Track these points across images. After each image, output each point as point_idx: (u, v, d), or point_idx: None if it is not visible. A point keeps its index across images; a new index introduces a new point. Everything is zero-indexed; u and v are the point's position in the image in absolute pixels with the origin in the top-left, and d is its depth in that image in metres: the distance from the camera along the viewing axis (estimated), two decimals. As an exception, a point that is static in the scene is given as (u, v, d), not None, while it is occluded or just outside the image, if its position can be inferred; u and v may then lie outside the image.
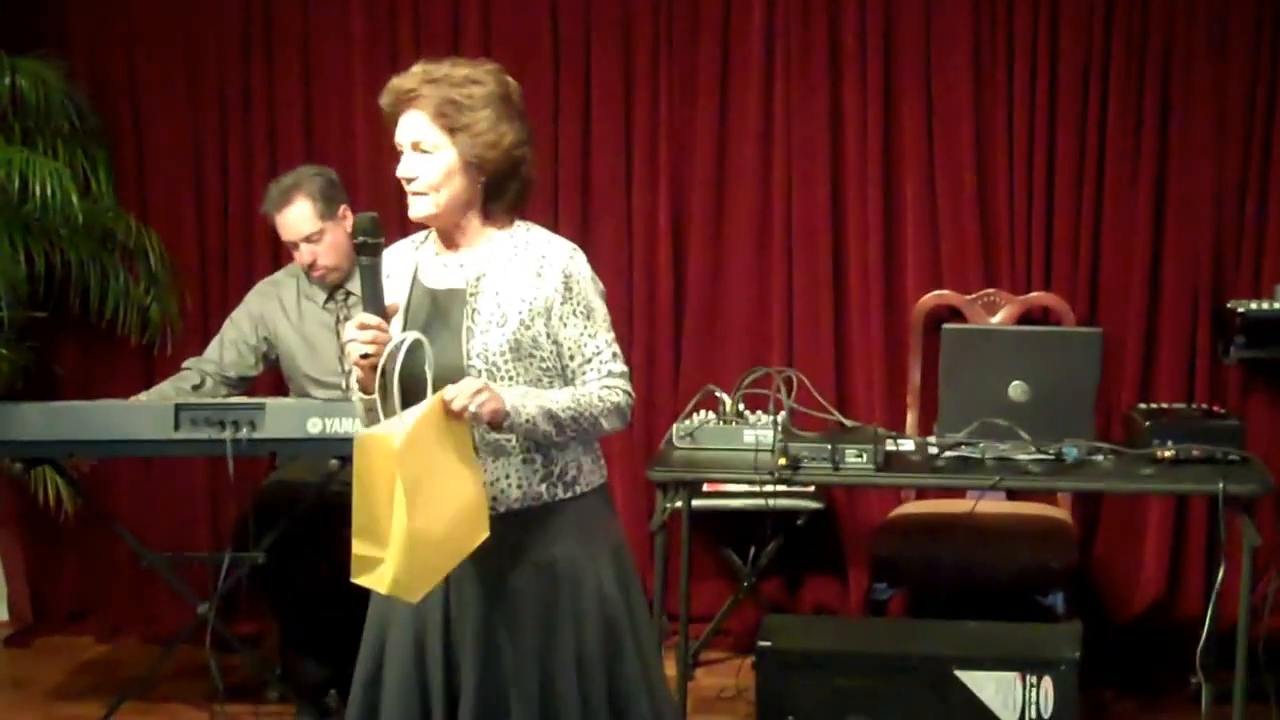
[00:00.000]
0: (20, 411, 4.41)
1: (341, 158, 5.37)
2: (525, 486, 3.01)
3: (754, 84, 5.31)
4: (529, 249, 3.05)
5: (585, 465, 3.10)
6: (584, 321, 3.04)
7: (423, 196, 3.00)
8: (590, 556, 3.06)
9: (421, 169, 2.99)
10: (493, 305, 3.00)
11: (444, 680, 3.03)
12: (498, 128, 2.99)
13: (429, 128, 2.97)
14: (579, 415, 2.97)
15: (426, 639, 3.05)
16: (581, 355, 3.03)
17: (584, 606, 3.04)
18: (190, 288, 5.57)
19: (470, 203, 3.03)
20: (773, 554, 5.14)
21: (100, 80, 5.53)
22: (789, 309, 5.37)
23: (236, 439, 4.24)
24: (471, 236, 3.06)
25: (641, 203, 5.40)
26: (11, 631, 5.73)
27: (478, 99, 2.98)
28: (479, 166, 2.99)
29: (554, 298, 3.01)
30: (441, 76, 2.98)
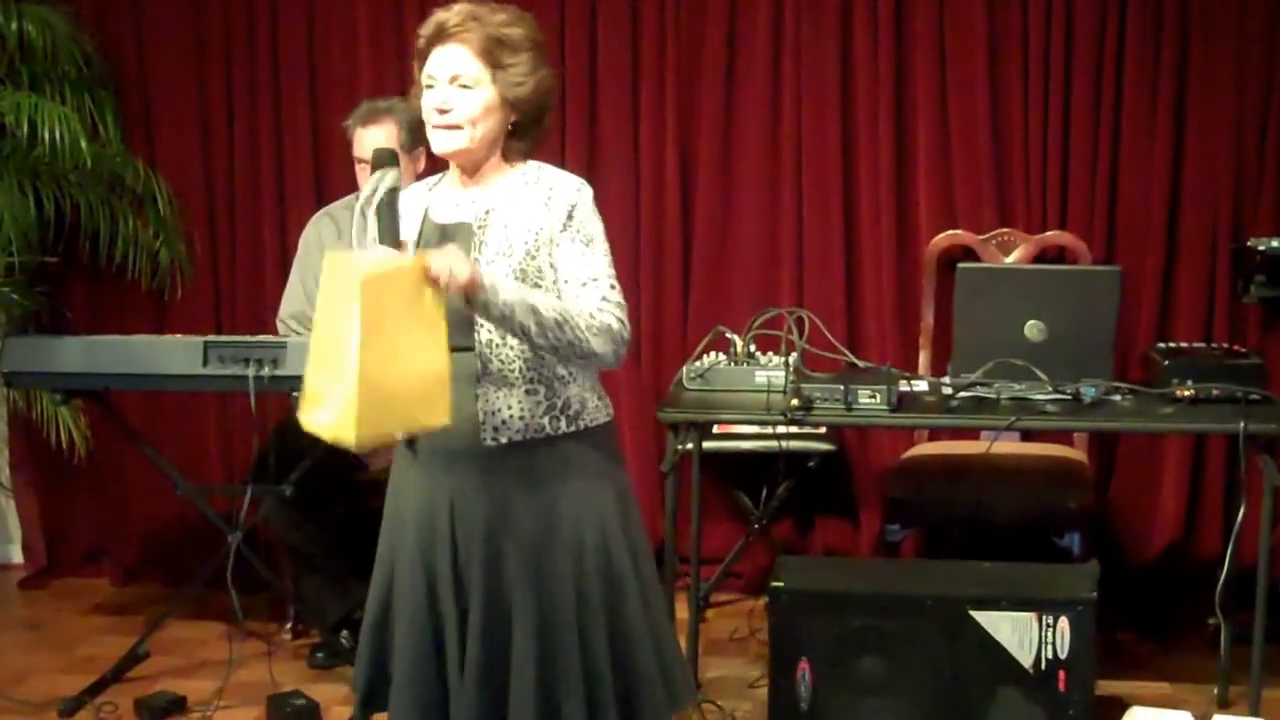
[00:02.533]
0: (59, 344, 4.58)
1: (345, 102, 5.33)
2: (527, 418, 3.01)
3: (763, 20, 5.25)
4: (538, 184, 3.07)
5: (589, 402, 3.09)
6: (583, 248, 3.03)
7: (457, 130, 3.00)
8: (593, 494, 3.07)
9: (460, 102, 3.00)
10: (500, 237, 3.01)
11: (456, 612, 3.04)
12: (537, 71, 3.04)
13: (472, 62, 2.99)
14: (564, 322, 2.93)
15: (436, 572, 3.06)
16: (578, 278, 3.02)
17: (584, 541, 3.04)
18: (199, 232, 5.56)
19: (497, 141, 3.06)
20: (784, 496, 5.11)
21: (106, 25, 5.50)
22: (799, 249, 5.32)
23: (259, 375, 4.33)
24: (488, 173, 3.09)
25: (649, 143, 5.35)
26: (27, 574, 5.76)
27: (520, 40, 3.02)
28: (514, 106, 3.03)
29: (558, 225, 3.02)
30: (484, 15, 3.01)
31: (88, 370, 4.50)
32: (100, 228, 5.36)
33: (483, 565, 3.03)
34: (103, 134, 5.39)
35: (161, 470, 4.85)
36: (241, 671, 4.62)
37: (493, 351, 2.99)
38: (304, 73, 5.46)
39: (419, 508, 3.09)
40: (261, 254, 5.51)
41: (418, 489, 3.10)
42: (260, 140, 5.50)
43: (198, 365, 4.41)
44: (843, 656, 3.91)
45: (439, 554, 3.06)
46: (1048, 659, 3.84)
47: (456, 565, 3.05)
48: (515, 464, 3.02)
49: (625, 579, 3.08)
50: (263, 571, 4.75)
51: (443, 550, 3.06)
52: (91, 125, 5.32)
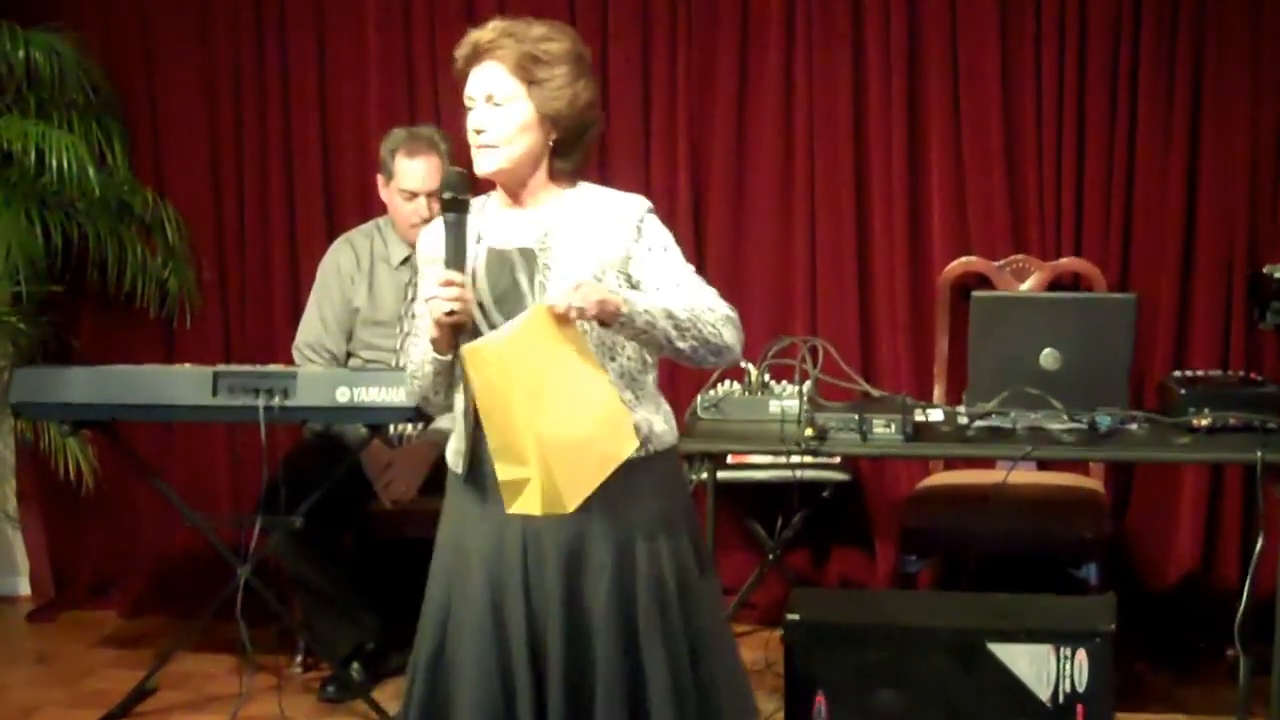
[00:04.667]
0: (66, 374, 4.58)
1: (356, 130, 5.34)
2: None
3: (774, 46, 5.22)
4: (597, 204, 3.02)
5: (657, 425, 3.04)
6: (662, 255, 3.01)
7: (493, 150, 2.97)
8: (665, 515, 3.04)
9: (494, 121, 2.96)
10: (564, 260, 2.96)
11: (528, 649, 2.97)
12: (574, 84, 2.98)
13: (507, 79, 2.96)
14: (696, 318, 2.91)
15: (505, 606, 2.99)
16: (671, 282, 2.98)
17: (662, 564, 3.00)
18: (208, 260, 5.54)
19: (539, 159, 3.01)
20: (799, 526, 5.07)
21: (114, 52, 5.49)
22: (812, 277, 5.29)
23: (269, 406, 4.30)
24: (537, 194, 3.04)
25: (661, 169, 5.32)
26: (34, 606, 5.72)
27: (555, 54, 2.97)
28: (553, 122, 2.98)
29: (628, 243, 2.98)
30: (519, 31, 2.97)
31: (96, 401, 4.48)
32: (108, 256, 5.35)
33: (561, 597, 2.96)
34: (110, 162, 5.38)
35: (170, 501, 4.83)
36: (251, 705, 4.57)
37: None
38: (314, 99, 5.44)
39: (483, 542, 3.01)
40: (271, 282, 5.49)
41: (481, 523, 3.02)
42: (270, 167, 5.47)
43: (207, 395, 4.39)
44: (859, 690, 3.87)
45: (509, 588, 2.99)
46: (1065, 692, 3.80)
47: (529, 600, 2.98)
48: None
49: (697, 590, 3.05)
50: (272, 604, 4.72)
51: (514, 584, 2.98)
52: (99, 153, 5.30)
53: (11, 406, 4.68)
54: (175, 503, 4.76)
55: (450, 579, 3.06)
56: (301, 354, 4.88)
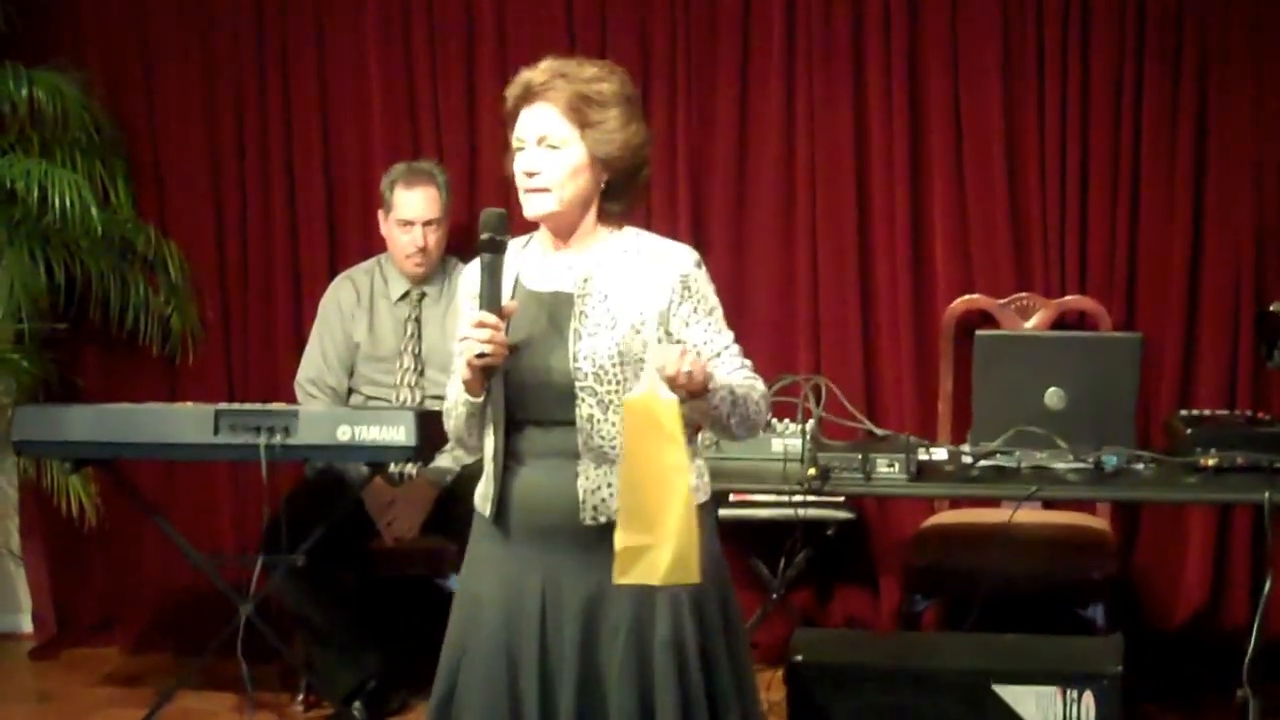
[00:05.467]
0: (69, 413, 4.61)
1: (358, 167, 5.34)
2: None
3: (775, 86, 5.21)
4: (641, 253, 2.97)
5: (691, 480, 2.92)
6: (707, 318, 2.95)
7: (545, 193, 2.91)
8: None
9: (547, 164, 2.90)
10: (602, 308, 2.91)
11: (540, 703, 2.92)
12: (627, 127, 2.93)
13: (560, 122, 2.89)
14: (746, 398, 2.90)
15: (519, 662, 2.93)
16: (712, 350, 2.93)
17: (684, 626, 2.91)
18: (211, 298, 5.53)
19: (590, 202, 2.95)
20: (802, 565, 5.03)
21: (117, 91, 5.50)
22: (815, 314, 5.26)
23: (270, 445, 4.29)
24: (584, 237, 2.98)
25: (660, 206, 5.28)
26: (37, 644, 5.69)
27: (609, 96, 2.92)
28: (606, 164, 2.92)
29: (673, 299, 2.92)
30: (571, 72, 2.92)
31: (98, 439, 4.49)
32: (111, 294, 5.35)
33: (577, 649, 2.91)
34: (113, 200, 5.38)
35: (172, 539, 4.81)
36: (252, 744, 4.55)
37: (593, 427, 2.89)
38: (316, 137, 5.43)
39: (503, 587, 2.96)
40: (274, 320, 5.48)
41: (503, 568, 2.97)
42: (273, 205, 5.47)
43: (209, 434, 4.40)
44: (864, 732, 3.84)
45: (524, 635, 2.93)
46: (1073, 734, 3.77)
47: (544, 648, 2.93)
48: (610, 547, 2.80)
49: (722, 667, 2.98)
50: (274, 642, 4.70)
51: (529, 632, 2.93)
52: (102, 191, 5.31)
53: (14, 444, 4.69)
54: (178, 541, 4.75)
55: (467, 623, 3.01)
56: (303, 390, 4.88)
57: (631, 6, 5.27)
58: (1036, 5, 5.07)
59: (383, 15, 5.36)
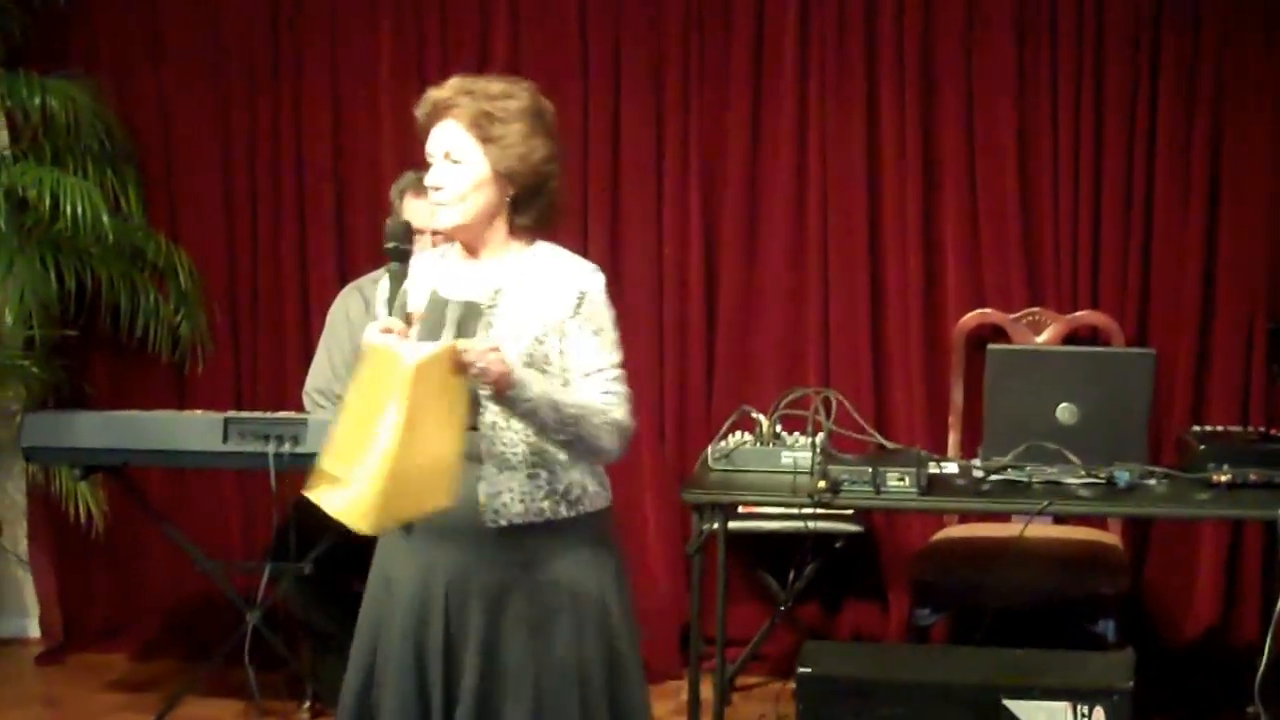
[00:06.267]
0: (78, 419, 4.64)
1: (368, 177, 5.34)
2: (528, 501, 2.96)
3: (788, 98, 5.22)
4: (548, 266, 3.04)
5: (590, 487, 3.04)
6: (591, 338, 3.00)
7: (449, 207, 2.99)
8: (593, 577, 3.03)
9: (450, 179, 2.98)
10: (509, 319, 2.98)
11: (444, 691, 2.98)
12: (529, 141, 2.98)
13: (462, 137, 2.97)
14: (581, 418, 2.92)
15: (427, 648, 2.99)
16: (582, 369, 2.98)
17: (585, 626, 3.00)
18: (220, 306, 5.53)
19: (495, 215, 3.02)
20: (811, 577, 5.03)
21: (130, 100, 5.51)
22: (825, 328, 5.27)
23: (279, 453, 4.33)
24: (494, 250, 3.05)
25: (672, 220, 5.31)
26: (44, 649, 5.68)
27: (511, 112, 2.98)
28: (508, 179, 2.98)
29: (568, 312, 2.99)
30: (478, 89, 2.99)
31: (107, 446, 4.52)
32: (121, 301, 5.36)
33: (478, 646, 2.97)
34: (124, 208, 5.39)
35: (180, 546, 4.80)
36: (258, 752, 4.55)
37: (496, 434, 2.95)
38: (328, 147, 5.44)
39: (411, 584, 3.02)
40: (284, 328, 5.49)
41: (410, 565, 3.03)
42: (283, 215, 5.48)
43: (218, 442, 4.43)
44: (872, 746, 3.81)
45: (431, 632, 2.99)
46: (1083, 750, 3.74)
47: (449, 645, 2.99)
48: (514, 547, 2.97)
49: (627, 666, 3.06)
50: (281, 650, 4.69)
51: (435, 628, 2.99)
52: (113, 199, 5.32)
53: (23, 451, 4.70)
54: (186, 548, 4.75)
55: (378, 614, 3.08)
56: (311, 399, 4.87)
57: (645, 21, 5.27)
58: (1050, 20, 5.08)
59: (395, 25, 5.38)
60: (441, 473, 2.81)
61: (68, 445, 4.58)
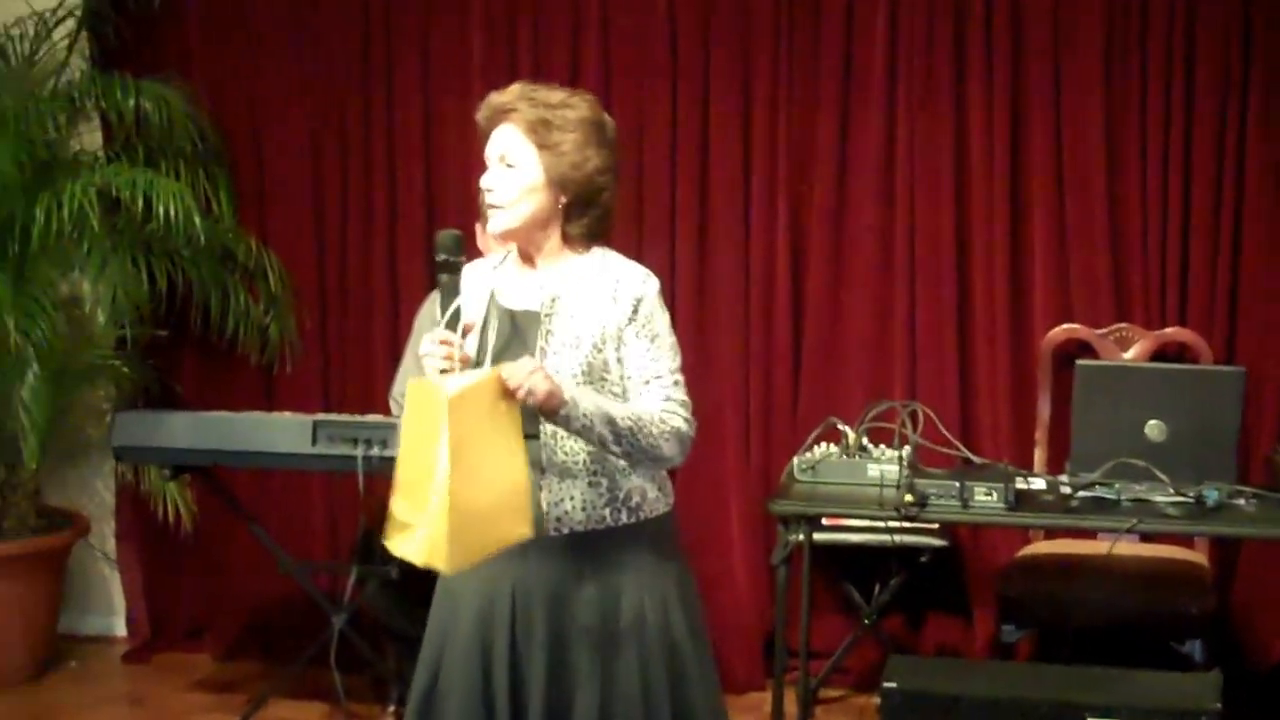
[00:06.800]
0: (168, 419, 4.71)
1: (458, 182, 5.34)
2: (589, 509, 2.98)
3: (876, 111, 5.20)
4: (604, 273, 3.05)
5: (649, 493, 3.06)
6: (648, 344, 3.01)
7: (501, 210, 3.01)
8: (655, 583, 3.05)
9: (503, 182, 3.01)
10: (567, 328, 3.00)
11: (510, 699, 3.00)
12: (584, 150, 3.00)
13: (519, 141, 2.99)
14: (638, 430, 2.92)
15: (493, 657, 3.01)
16: (641, 376, 3.00)
17: (648, 631, 3.02)
18: (309, 308, 5.57)
19: (549, 222, 3.03)
20: (895, 591, 5.02)
21: (222, 103, 5.57)
22: (911, 340, 5.24)
23: (368, 456, 4.35)
24: (549, 257, 3.06)
25: (760, 231, 5.30)
26: (130, 647, 5.75)
27: (569, 120, 3.00)
28: (561, 186, 3.00)
29: (624, 320, 3.00)
30: (539, 96, 3.02)
31: (197, 446, 4.59)
32: (211, 302, 5.41)
33: (545, 653, 2.99)
34: (215, 209, 5.44)
35: (266, 547, 4.84)
36: (343, 755, 4.59)
37: (557, 443, 2.97)
38: (418, 149, 5.46)
39: (477, 592, 3.04)
40: (371, 331, 5.52)
41: (473, 575, 3.02)
42: (373, 218, 5.51)
43: (307, 444, 4.47)
44: (956, 762, 3.80)
45: (496, 640, 3.01)
46: (1169, 772, 3.71)
47: (514, 652, 3.01)
48: (576, 554, 2.99)
49: (688, 667, 3.06)
50: (366, 653, 4.72)
51: (501, 637, 3.01)
52: (205, 200, 5.37)
53: (114, 450, 4.75)
54: (273, 549, 4.79)
55: (444, 622, 3.10)
56: (397, 404, 4.88)
57: (734, 32, 5.26)
58: (1140, 37, 5.02)
59: (487, 35, 5.39)
60: (512, 501, 2.81)
61: (158, 445, 4.64)
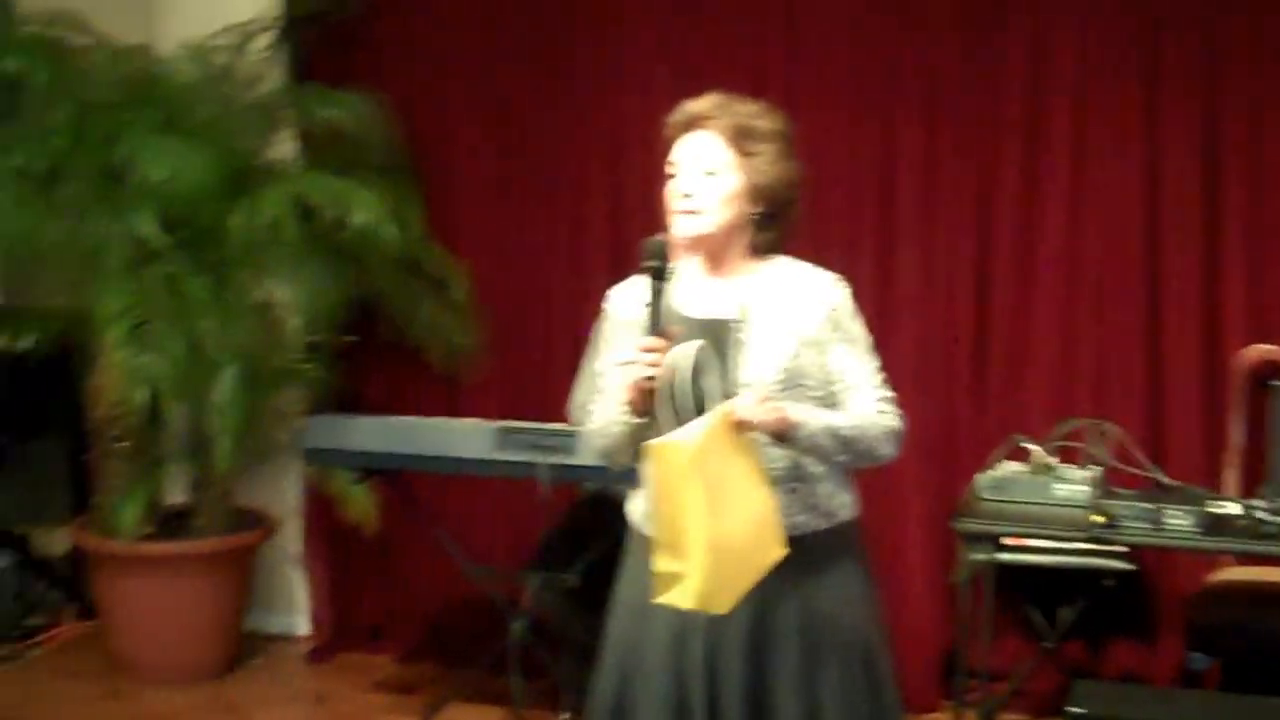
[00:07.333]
0: (357, 424, 4.80)
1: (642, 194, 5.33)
2: (787, 516, 2.98)
3: (1063, 122, 5.11)
4: (794, 280, 3.06)
5: (841, 497, 3.07)
6: (849, 350, 3.02)
7: (697, 216, 3.00)
8: (850, 588, 3.07)
9: (703, 188, 3.01)
10: (761, 335, 3.00)
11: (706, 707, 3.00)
12: (781, 162, 3.03)
13: (720, 149, 3.01)
14: (859, 436, 2.95)
15: (687, 669, 3.01)
16: (847, 381, 3.01)
17: (847, 639, 3.03)
18: (493, 318, 5.63)
19: (740, 230, 3.04)
20: (1078, 614, 4.92)
21: (411, 113, 5.64)
22: (1099, 357, 5.14)
23: (551, 464, 4.37)
24: (737, 266, 3.07)
25: (944, 243, 5.24)
26: (313, 646, 5.86)
27: (767, 131, 3.03)
28: (759, 194, 3.02)
29: (821, 326, 3.00)
30: (735, 105, 3.04)
31: (385, 450, 4.66)
32: (398, 309, 5.49)
33: (743, 661, 2.99)
34: (405, 218, 5.48)
35: (447, 551, 4.89)
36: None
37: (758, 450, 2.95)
38: (605, 164, 5.50)
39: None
40: (553, 341, 5.56)
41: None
42: (557, 229, 5.56)
43: (491, 450, 4.53)
44: (1142, 790, 3.73)
45: (690, 649, 3.01)
46: (1366, 811, 3.60)
47: (711, 664, 3.01)
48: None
49: (882, 670, 3.07)
50: (543, 659, 4.74)
51: (695, 646, 3.01)
52: (394, 210, 5.43)
53: (304, 453, 4.84)
54: (456, 554, 4.84)
55: (631, 640, 3.12)
56: (577, 414, 4.92)
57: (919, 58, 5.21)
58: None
59: (672, 49, 5.40)
60: (764, 528, 2.86)
61: (347, 448, 4.73)
